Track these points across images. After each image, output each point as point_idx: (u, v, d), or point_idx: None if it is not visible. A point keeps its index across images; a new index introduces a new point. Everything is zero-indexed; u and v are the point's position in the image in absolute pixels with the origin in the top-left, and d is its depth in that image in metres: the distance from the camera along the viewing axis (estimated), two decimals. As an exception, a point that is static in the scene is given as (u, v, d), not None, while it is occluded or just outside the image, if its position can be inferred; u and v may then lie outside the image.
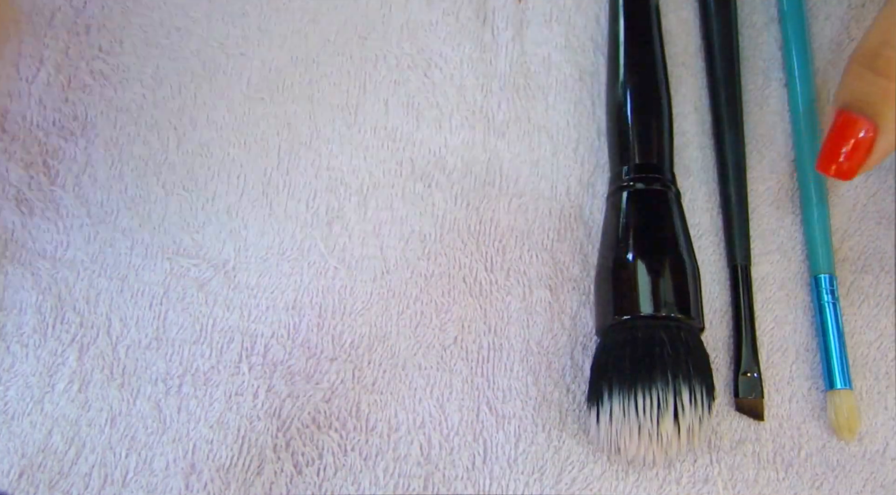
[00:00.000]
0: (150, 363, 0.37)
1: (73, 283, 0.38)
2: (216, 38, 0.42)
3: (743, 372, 0.37)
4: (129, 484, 0.35)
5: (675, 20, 0.44)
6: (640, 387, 0.34)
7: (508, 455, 0.36)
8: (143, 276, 0.38)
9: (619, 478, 0.36)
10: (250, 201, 0.40)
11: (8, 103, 0.41)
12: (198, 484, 0.35)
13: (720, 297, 0.39)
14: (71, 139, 0.40)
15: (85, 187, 0.40)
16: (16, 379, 0.36)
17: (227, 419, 0.36)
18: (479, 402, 0.37)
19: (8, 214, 0.39)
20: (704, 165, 0.42)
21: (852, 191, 0.41)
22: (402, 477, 0.35)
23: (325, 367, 0.37)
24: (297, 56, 0.42)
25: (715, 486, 0.36)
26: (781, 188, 0.41)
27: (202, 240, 0.39)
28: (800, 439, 0.37)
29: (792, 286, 0.39)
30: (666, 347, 0.34)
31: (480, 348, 0.38)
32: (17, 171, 0.40)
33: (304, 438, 0.36)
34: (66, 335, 0.37)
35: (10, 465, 0.35)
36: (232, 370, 0.37)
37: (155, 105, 0.41)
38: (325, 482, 0.35)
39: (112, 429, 0.36)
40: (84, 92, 0.41)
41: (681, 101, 0.42)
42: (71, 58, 0.42)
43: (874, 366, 0.38)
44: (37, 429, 0.35)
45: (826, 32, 0.44)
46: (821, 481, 0.36)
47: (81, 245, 0.39)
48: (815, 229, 0.40)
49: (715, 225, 0.40)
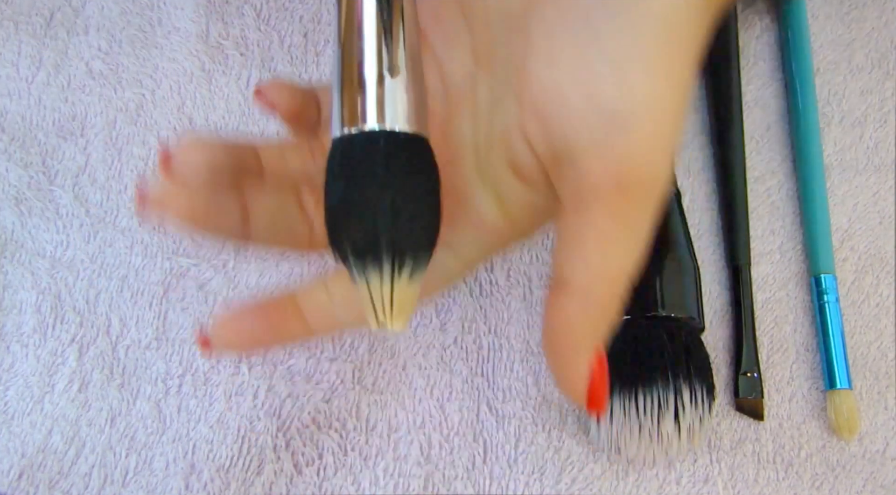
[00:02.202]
0: (150, 363, 0.37)
1: (72, 283, 0.38)
2: (216, 38, 0.42)
3: (743, 373, 0.37)
4: (129, 484, 0.35)
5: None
6: (640, 387, 0.34)
7: (508, 455, 0.36)
8: (143, 276, 0.38)
9: (619, 478, 0.36)
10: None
11: (8, 103, 0.41)
12: (198, 484, 0.35)
13: (720, 297, 0.39)
14: (70, 139, 0.40)
15: (84, 187, 0.39)
16: (16, 379, 0.36)
17: (227, 419, 0.36)
18: (479, 402, 0.37)
19: (7, 214, 0.39)
20: (704, 165, 0.42)
21: (852, 191, 0.41)
22: (402, 477, 0.35)
23: (325, 367, 0.37)
24: (297, 56, 0.42)
25: (715, 486, 0.36)
26: (781, 188, 0.41)
27: (202, 240, 0.39)
28: (800, 439, 0.37)
29: (792, 286, 0.39)
30: (666, 347, 0.34)
31: (480, 348, 0.38)
32: (17, 171, 0.39)
33: (304, 438, 0.36)
34: (66, 335, 0.37)
35: (10, 465, 0.35)
36: (232, 370, 0.37)
37: (155, 105, 0.41)
38: (325, 482, 0.35)
39: (112, 429, 0.36)
40: (84, 92, 0.41)
41: (681, 101, 0.42)
42: (71, 58, 0.42)
43: (874, 366, 0.38)
44: (37, 429, 0.35)
45: (826, 32, 0.44)
46: (821, 481, 0.36)
47: (81, 245, 0.39)
48: (815, 229, 0.40)
49: (715, 225, 0.40)
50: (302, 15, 0.43)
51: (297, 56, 0.42)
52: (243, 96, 0.41)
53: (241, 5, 0.43)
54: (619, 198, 0.25)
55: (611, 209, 0.25)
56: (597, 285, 0.26)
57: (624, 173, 0.25)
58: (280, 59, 0.42)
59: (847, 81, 0.43)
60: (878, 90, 0.43)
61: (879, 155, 0.42)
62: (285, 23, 0.43)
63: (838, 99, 0.43)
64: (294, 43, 0.43)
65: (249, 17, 0.43)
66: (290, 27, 0.43)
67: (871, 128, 0.42)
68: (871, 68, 0.44)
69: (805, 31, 0.43)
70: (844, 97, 0.43)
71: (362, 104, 0.25)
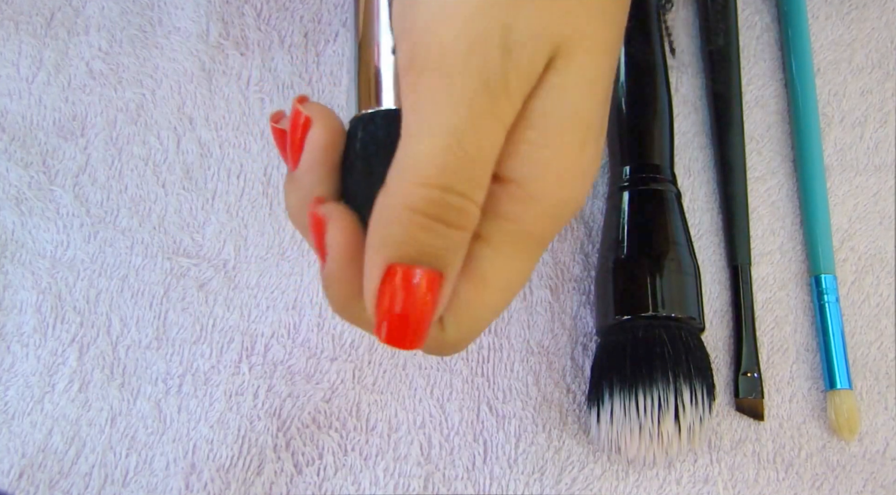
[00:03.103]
0: (150, 363, 0.37)
1: (73, 283, 0.38)
2: (216, 38, 0.42)
3: (743, 373, 0.37)
4: (129, 484, 0.35)
5: (676, 20, 0.44)
6: (640, 387, 0.34)
7: (508, 455, 0.36)
8: (143, 276, 0.38)
9: (619, 478, 0.36)
10: (250, 201, 0.40)
11: (8, 103, 0.41)
12: (198, 484, 0.35)
13: (720, 297, 0.39)
14: (70, 139, 0.40)
15: (84, 187, 0.39)
16: (16, 379, 0.36)
17: (227, 419, 0.36)
18: (479, 402, 0.37)
19: (7, 214, 0.39)
20: (704, 165, 0.42)
21: (852, 191, 0.41)
22: (402, 477, 0.35)
23: (325, 367, 0.37)
24: (297, 56, 0.42)
25: (715, 486, 0.36)
26: (781, 188, 0.41)
27: (202, 240, 0.39)
28: (800, 439, 0.37)
29: (792, 286, 0.39)
30: (666, 347, 0.34)
31: (480, 348, 0.38)
32: (17, 171, 0.39)
33: (304, 438, 0.36)
34: (66, 335, 0.37)
35: (10, 465, 0.35)
36: (232, 370, 0.37)
37: (155, 105, 0.41)
38: (325, 482, 0.35)
39: (112, 429, 0.36)
40: (84, 92, 0.41)
41: (681, 101, 0.42)
42: (71, 58, 0.42)
43: (874, 366, 0.38)
44: (37, 429, 0.35)
45: (826, 32, 0.44)
46: (821, 481, 0.36)
47: (81, 245, 0.39)
48: (815, 229, 0.40)
49: (715, 225, 0.40)
50: (302, 15, 0.43)
51: (297, 56, 0.42)
52: (243, 96, 0.42)
53: (241, 5, 0.43)
54: (414, 78, 0.22)
55: (407, 93, 0.23)
56: (395, 185, 0.22)
57: (413, 46, 0.22)
58: (280, 59, 0.42)
59: (847, 81, 0.43)
60: (879, 90, 0.43)
61: (879, 155, 0.42)
62: (285, 23, 0.43)
63: (838, 99, 0.43)
64: (294, 43, 0.43)
65: (249, 17, 0.43)
66: (290, 27, 0.43)
67: (871, 128, 0.42)
68: (872, 68, 0.44)
69: (805, 31, 0.43)
70: (844, 97, 0.43)
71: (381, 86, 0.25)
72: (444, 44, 0.22)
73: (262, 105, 0.41)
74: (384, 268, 0.23)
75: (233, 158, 0.40)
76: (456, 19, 0.22)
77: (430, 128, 0.22)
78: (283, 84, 0.42)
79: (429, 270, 0.23)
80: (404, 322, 0.23)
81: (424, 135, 0.22)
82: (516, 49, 0.22)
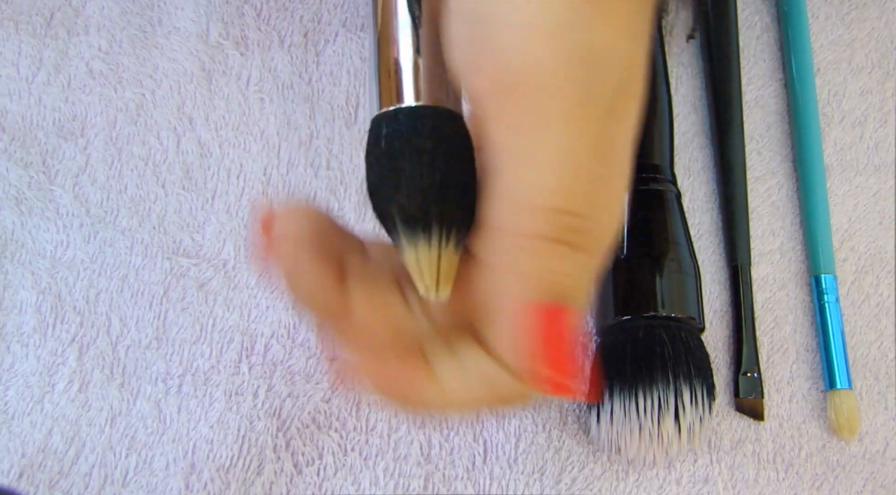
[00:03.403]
0: (150, 363, 0.37)
1: (72, 283, 0.38)
2: (216, 38, 0.42)
3: (743, 373, 0.37)
4: (129, 484, 0.35)
5: (675, 20, 0.44)
6: (640, 387, 0.34)
7: (508, 455, 0.36)
8: (142, 276, 0.38)
9: (619, 478, 0.36)
10: (250, 201, 0.40)
11: (8, 103, 0.41)
12: (198, 484, 0.35)
13: (720, 297, 0.39)
14: (70, 139, 0.40)
15: (84, 187, 0.39)
16: (16, 379, 0.36)
17: (227, 419, 0.36)
18: (479, 402, 0.37)
19: (7, 214, 0.39)
20: (704, 165, 0.42)
21: (852, 191, 0.41)
22: (402, 477, 0.35)
23: (325, 367, 0.37)
24: (297, 56, 0.42)
25: (715, 486, 0.36)
26: (781, 188, 0.41)
27: (202, 240, 0.39)
28: (800, 439, 0.37)
29: (792, 286, 0.39)
30: (666, 347, 0.34)
31: (480, 348, 0.37)
32: (17, 171, 0.39)
33: (304, 438, 0.36)
34: (66, 335, 0.37)
35: (10, 465, 0.35)
36: (232, 370, 0.37)
37: (155, 105, 0.41)
38: (325, 482, 0.35)
39: (112, 429, 0.36)
40: (84, 92, 0.41)
41: (681, 101, 0.42)
42: (71, 58, 0.42)
43: (874, 366, 0.38)
44: (37, 429, 0.35)
45: (826, 32, 0.44)
46: (821, 481, 0.36)
47: (81, 245, 0.39)
48: (815, 229, 0.40)
49: (715, 225, 0.40)
50: (302, 15, 0.43)
51: (297, 56, 0.42)
52: (243, 96, 0.42)
53: (240, 5, 0.43)
54: (505, 99, 0.21)
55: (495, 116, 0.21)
56: (511, 216, 0.21)
57: (501, 68, 0.21)
58: (280, 59, 0.42)
59: (847, 81, 0.43)
60: (879, 90, 0.43)
61: (879, 155, 0.42)
62: (285, 23, 0.43)
63: (838, 99, 0.43)
64: (294, 43, 0.43)
65: (249, 17, 0.43)
66: (290, 27, 0.43)
67: (871, 128, 0.42)
68: (872, 68, 0.44)
69: (805, 31, 0.43)
70: (844, 97, 0.43)
71: (402, 83, 0.25)
72: (541, 61, 0.21)
73: (261, 105, 0.41)
74: (527, 312, 0.21)
75: (233, 158, 0.40)
76: (544, 37, 0.21)
77: (540, 148, 0.21)
78: (282, 84, 0.42)
79: (566, 304, 0.21)
80: (571, 364, 0.22)
81: (534, 157, 0.21)
82: (599, 64, 0.22)
